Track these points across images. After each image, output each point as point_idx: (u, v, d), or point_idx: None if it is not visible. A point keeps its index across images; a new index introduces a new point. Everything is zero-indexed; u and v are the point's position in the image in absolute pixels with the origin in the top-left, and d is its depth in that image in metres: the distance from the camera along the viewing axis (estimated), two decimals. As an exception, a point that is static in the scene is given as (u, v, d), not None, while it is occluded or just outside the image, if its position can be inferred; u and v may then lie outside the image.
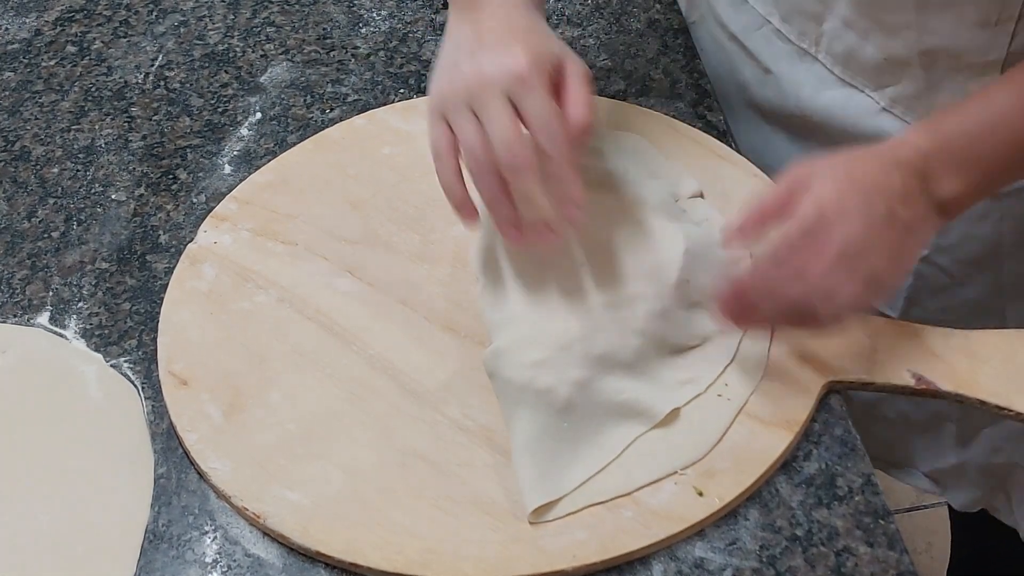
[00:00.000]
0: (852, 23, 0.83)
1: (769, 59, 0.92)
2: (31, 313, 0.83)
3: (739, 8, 0.94)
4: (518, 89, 0.69)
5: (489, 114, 0.69)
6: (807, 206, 0.68)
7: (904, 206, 0.69)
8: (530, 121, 0.69)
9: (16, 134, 0.97)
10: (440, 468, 0.72)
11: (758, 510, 0.70)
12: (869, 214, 0.68)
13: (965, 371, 0.74)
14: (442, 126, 0.72)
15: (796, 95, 0.91)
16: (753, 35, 0.93)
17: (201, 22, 1.06)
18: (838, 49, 0.86)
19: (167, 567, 0.70)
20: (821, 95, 0.89)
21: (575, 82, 0.71)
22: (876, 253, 0.68)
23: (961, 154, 0.71)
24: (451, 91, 0.71)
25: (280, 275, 0.83)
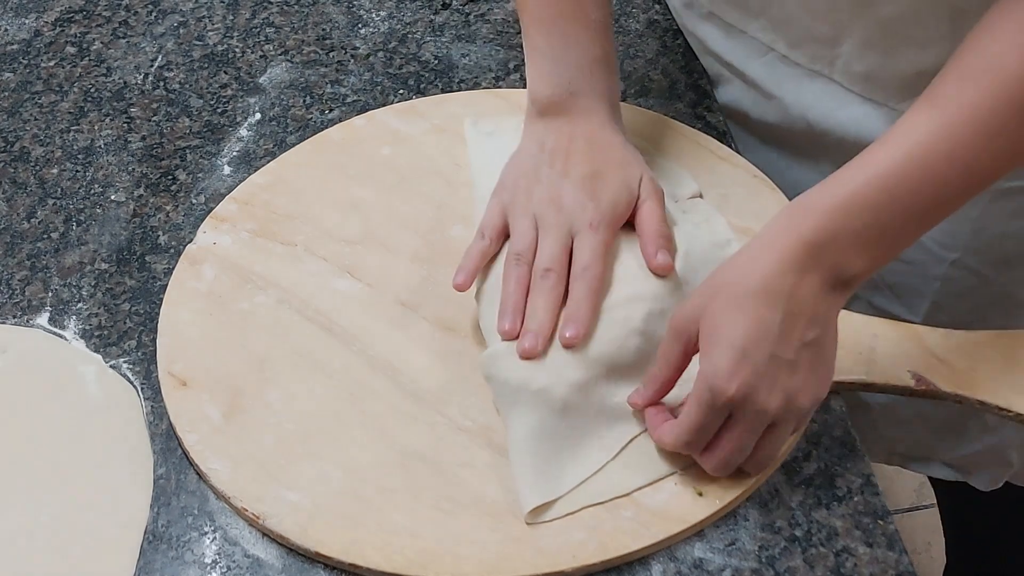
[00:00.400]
0: (874, 43, 0.81)
1: (773, 85, 0.90)
2: (31, 314, 0.83)
3: (736, 38, 0.92)
4: (583, 230, 0.74)
5: (548, 238, 0.74)
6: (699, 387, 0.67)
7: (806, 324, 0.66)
8: (576, 260, 0.74)
9: (16, 135, 0.97)
10: (440, 468, 0.72)
11: (757, 510, 0.70)
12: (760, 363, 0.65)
13: (965, 371, 0.74)
14: (499, 215, 0.77)
15: (804, 117, 0.89)
16: (754, 63, 0.91)
17: (200, 23, 1.06)
18: (857, 69, 0.83)
19: (166, 568, 0.70)
20: (836, 114, 0.86)
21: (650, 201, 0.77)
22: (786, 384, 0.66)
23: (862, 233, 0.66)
24: (524, 197, 0.77)
25: (280, 276, 0.83)
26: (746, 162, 0.88)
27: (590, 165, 0.76)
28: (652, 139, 0.89)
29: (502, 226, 0.77)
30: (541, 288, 0.73)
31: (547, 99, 0.79)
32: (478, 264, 0.76)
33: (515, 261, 0.75)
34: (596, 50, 0.80)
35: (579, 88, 0.79)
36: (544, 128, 0.79)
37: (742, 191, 0.86)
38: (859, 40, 0.82)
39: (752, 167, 0.87)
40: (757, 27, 0.89)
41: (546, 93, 0.79)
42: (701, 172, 0.87)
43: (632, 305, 0.74)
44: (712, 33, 0.95)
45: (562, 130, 0.78)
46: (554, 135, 0.78)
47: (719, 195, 0.85)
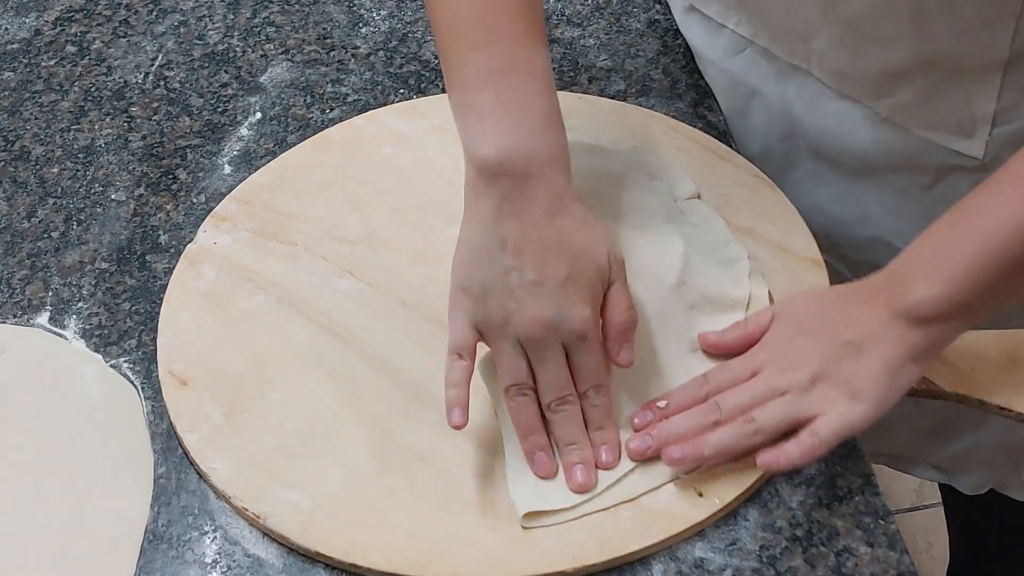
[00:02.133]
0: (842, 40, 0.82)
1: (756, 80, 0.91)
2: (31, 313, 0.83)
3: (716, 34, 0.93)
4: (576, 344, 0.70)
5: (547, 366, 0.70)
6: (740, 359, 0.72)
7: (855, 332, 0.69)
8: (580, 375, 0.70)
9: (16, 134, 0.97)
10: (440, 468, 0.72)
11: (758, 510, 0.70)
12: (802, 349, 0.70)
13: (965, 371, 0.74)
14: (471, 333, 0.70)
15: (788, 114, 0.89)
16: (734, 59, 0.92)
17: (201, 22, 1.06)
18: (829, 65, 0.84)
19: (167, 567, 0.70)
20: (816, 110, 0.87)
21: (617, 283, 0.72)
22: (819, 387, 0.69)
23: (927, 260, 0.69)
24: (501, 318, 0.69)
25: (280, 275, 0.83)
26: (746, 162, 0.88)
27: (564, 266, 0.69)
28: (652, 139, 0.89)
29: (476, 342, 0.70)
30: (565, 418, 0.70)
31: (499, 163, 0.70)
32: (467, 392, 0.70)
33: (517, 393, 0.70)
34: (545, 104, 0.72)
35: (533, 149, 0.70)
36: (496, 209, 0.70)
37: (742, 191, 0.86)
38: (828, 37, 0.83)
39: (752, 167, 0.87)
40: (737, 21, 0.90)
41: (499, 156, 0.70)
42: (701, 172, 0.87)
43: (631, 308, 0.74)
44: (693, 28, 0.96)
45: (520, 214, 0.70)
46: (512, 224, 0.70)
47: (719, 195, 0.85)
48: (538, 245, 0.69)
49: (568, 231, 0.70)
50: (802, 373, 0.70)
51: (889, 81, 0.81)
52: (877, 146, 0.85)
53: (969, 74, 0.78)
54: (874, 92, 0.83)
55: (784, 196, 0.85)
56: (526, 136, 0.70)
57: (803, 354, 0.71)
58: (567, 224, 0.71)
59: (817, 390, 0.69)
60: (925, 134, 0.82)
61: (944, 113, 0.80)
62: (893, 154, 0.85)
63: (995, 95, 0.78)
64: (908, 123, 0.83)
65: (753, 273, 0.79)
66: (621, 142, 0.88)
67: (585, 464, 0.70)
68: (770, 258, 0.81)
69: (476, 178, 0.71)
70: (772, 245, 0.82)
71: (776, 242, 0.82)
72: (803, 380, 0.69)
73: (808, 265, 0.81)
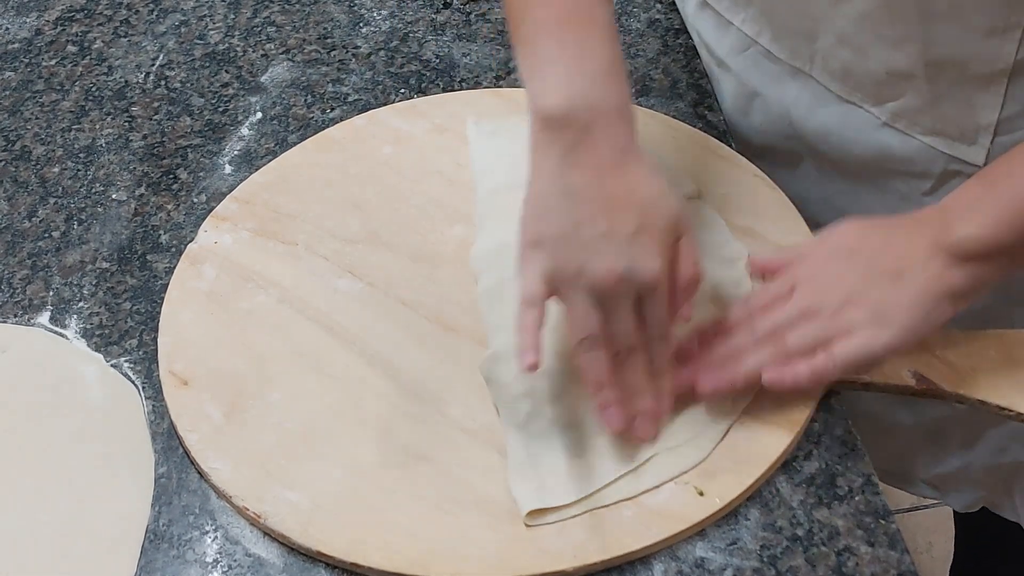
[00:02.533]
0: (848, 39, 0.81)
1: (757, 81, 0.91)
2: (31, 313, 0.83)
3: (724, 30, 0.93)
4: (647, 296, 0.70)
5: (617, 317, 0.69)
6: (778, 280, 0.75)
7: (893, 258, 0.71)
8: (649, 324, 0.70)
9: (17, 134, 0.97)
10: (440, 468, 0.72)
11: (759, 510, 0.70)
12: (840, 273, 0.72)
13: (965, 371, 0.74)
14: (542, 283, 0.70)
15: (788, 116, 0.90)
16: (738, 57, 0.92)
17: (202, 22, 1.06)
18: (834, 66, 0.84)
19: (168, 567, 0.70)
20: (816, 114, 0.87)
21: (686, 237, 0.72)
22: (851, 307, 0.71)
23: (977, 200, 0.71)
24: (574, 270, 0.69)
25: (281, 275, 0.83)
26: (746, 162, 0.88)
27: (635, 217, 0.69)
28: (652, 138, 0.89)
29: (548, 293, 0.70)
30: (633, 369, 0.71)
31: (563, 114, 0.69)
32: (539, 337, 0.69)
33: (589, 347, 0.70)
34: (608, 56, 0.71)
35: (597, 101, 0.70)
36: (562, 161, 0.70)
37: (742, 191, 0.86)
38: (834, 35, 0.82)
39: (752, 167, 0.87)
40: (743, 18, 0.90)
41: (562, 106, 0.69)
42: (701, 172, 0.87)
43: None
44: (705, 24, 0.96)
45: (586, 165, 0.69)
46: (579, 174, 0.69)
47: (719, 195, 0.85)
48: (606, 197, 0.69)
49: (635, 183, 0.70)
50: (834, 296, 0.71)
51: (893, 84, 0.81)
52: (877, 151, 0.85)
53: (974, 82, 0.78)
54: (877, 95, 0.83)
55: (784, 196, 0.85)
56: (587, 87, 0.70)
57: (838, 277, 0.72)
58: (634, 176, 0.70)
59: (847, 313, 0.70)
60: (927, 139, 0.82)
61: (947, 120, 0.80)
62: (894, 159, 0.85)
63: (999, 104, 0.78)
64: (910, 128, 0.83)
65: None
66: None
67: (653, 415, 0.71)
68: (770, 258, 0.81)
69: (540, 132, 0.70)
70: (772, 245, 0.82)
71: (776, 242, 0.82)
72: (834, 303, 0.71)
73: (808, 265, 0.81)
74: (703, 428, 0.72)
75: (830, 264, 0.73)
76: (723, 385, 0.72)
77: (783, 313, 0.73)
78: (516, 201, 0.81)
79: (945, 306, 0.70)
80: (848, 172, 0.88)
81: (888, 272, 0.71)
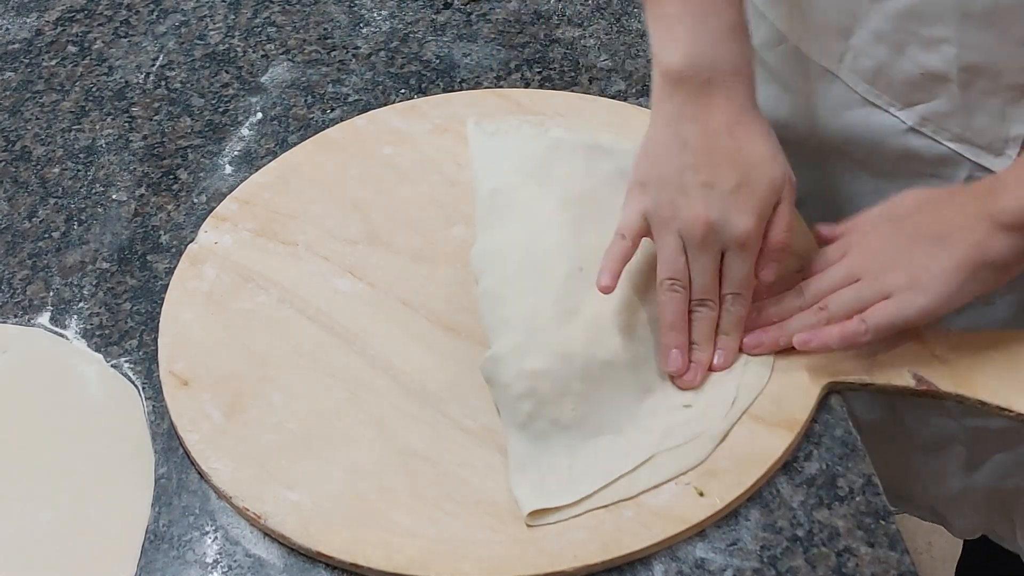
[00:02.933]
0: (884, 36, 0.80)
1: (788, 77, 0.91)
2: (32, 313, 0.83)
3: (759, 23, 0.92)
4: (735, 250, 0.73)
5: (700, 264, 0.73)
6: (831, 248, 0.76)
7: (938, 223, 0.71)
8: (728, 280, 0.74)
9: (17, 134, 0.97)
10: (440, 468, 0.72)
11: (759, 510, 0.70)
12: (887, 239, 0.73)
13: (965, 371, 0.74)
14: (641, 219, 0.74)
15: (814, 115, 0.89)
16: (771, 52, 0.91)
17: (202, 22, 1.06)
18: (866, 65, 0.83)
19: (168, 567, 0.70)
20: (841, 116, 0.87)
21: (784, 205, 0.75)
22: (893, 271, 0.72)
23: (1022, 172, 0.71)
24: (669, 210, 0.73)
25: (281, 275, 0.83)
26: (747, 162, 0.88)
27: (737, 174, 0.73)
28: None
29: (643, 230, 0.75)
30: (701, 318, 0.74)
31: (683, 69, 0.74)
32: (620, 266, 0.74)
33: (670, 288, 0.74)
34: (732, 15, 0.75)
35: (718, 60, 0.74)
36: (679, 112, 0.74)
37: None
38: (871, 32, 0.81)
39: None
40: (778, 14, 0.90)
41: (683, 63, 0.74)
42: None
43: (634, 310, 0.74)
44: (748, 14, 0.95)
45: (701, 119, 0.74)
46: (693, 127, 0.74)
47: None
48: (715, 150, 0.73)
49: (745, 142, 0.74)
50: (876, 261, 0.72)
51: (926, 86, 0.80)
52: (902, 154, 0.84)
53: (1007, 92, 0.77)
54: (907, 97, 0.82)
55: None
56: (709, 45, 0.74)
57: (883, 242, 0.73)
58: (745, 136, 0.74)
59: (888, 278, 0.71)
60: (953, 146, 0.81)
61: (976, 128, 0.79)
62: (919, 162, 0.84)
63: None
64: (937, 134, 0.82)
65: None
66: (621, 142, 0.88)
67: (698, 367, 0.74)
68: (771, 258, 0.81)
69: (662, 84, 0.75)
70: (773, 245, 0.82)
71: (777, 242, 0.82)
72: (875, 267, 0.72)
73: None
74: (703, 428, 0.72)
75: (879, 230, 0.75)
76: (766, 343, 0.75)
77: (827, 279, 0.74)
78: (516, 201, 0.82)
79: (986, 274, 0.71)
80: (873, 171, 0.88)
81: (931, 237, 0.71)
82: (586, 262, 0.76)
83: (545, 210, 0.80)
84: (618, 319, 0.74)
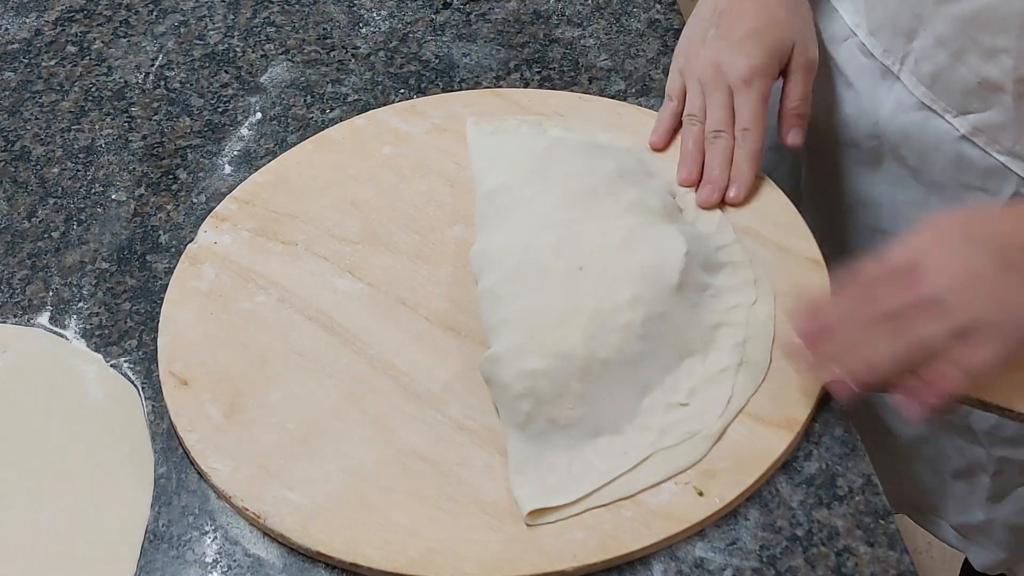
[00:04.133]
0: (946, 41, 0.80)
1: (852, 73, 0.91)
2: (31, 313, 0.83)
3: (830, 17, 0.93)
4: (740, 88, 0.84)
5: (713, 101, 0.85)
6: (897, 250, 0.68)
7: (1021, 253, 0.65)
8: (739, 116, 0.84)
9: (16, 134, 0.97)
10: (440, 468, 0.72)
11: (758, 510, 0.70)
12: (970, 261, 0.65)
13: (965, 371, 0.74)
14: (678, 78, 0.88)
15: (876, 114, 0.89)
16: (839, 46, 0.92)
17: (201, 22, 1.06)
18: (926, 69, 0.83)
19: (167, 567, 0.70)
20: (899, 117, 0.87)
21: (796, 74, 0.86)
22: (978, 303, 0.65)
23: None
24: (693, 60, 0.87)
25: (280, 275, 0.83)
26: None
27: (750, 24, 0.85)
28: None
29: (682, 87, 0.87)
30: (714, 147, 0.84)
31: None
32: (671, 124, 0.87)
33: (690, 121, 0.86)
34: None
35: None
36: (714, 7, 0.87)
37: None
38: (934, 35, 0.81)
39: (753, 167, 0.88)
40: (847, 7, 0.90)
41: None
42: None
43: (633, 309, 0.74)
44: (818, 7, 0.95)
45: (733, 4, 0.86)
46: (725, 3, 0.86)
47: (720, 195, 0.85)
48: (737, 11, 0.86)
49: (771, 7, 0.86)
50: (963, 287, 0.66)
51: (982, 95, 0.80)
52: (954, 162, 0.84)
53: None
54: (962, 105, 0.82)
55: (784, 196, 0.85)
56: None
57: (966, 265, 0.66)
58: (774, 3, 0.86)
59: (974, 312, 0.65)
60: (1003, 159, 0.81)
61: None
62: (969, 173, 0.84)
63: None
64: (988, 145, 0.82)
65: (754, 272, 0.79)
66: (620, 141, 0.88)
67: (715, 186, 0.83)
68: (770, 258, 0.81)
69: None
70: (772, 245, 0.82)
71: (776, 242, 0.82)
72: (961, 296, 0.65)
73: (808, 265, 0.81)
74: (699, 427, 0.72)
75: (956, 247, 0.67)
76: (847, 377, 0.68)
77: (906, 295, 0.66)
78: (515, 201, 0.82)
79: None
80: (925, 180, 0.88)
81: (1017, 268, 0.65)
82: (586, 262, 0.76)
83: (544, 210, 0.80)
84: (617, 318, 0.74)
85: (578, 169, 0.82)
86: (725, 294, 0.78)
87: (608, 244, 0.77)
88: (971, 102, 0.81)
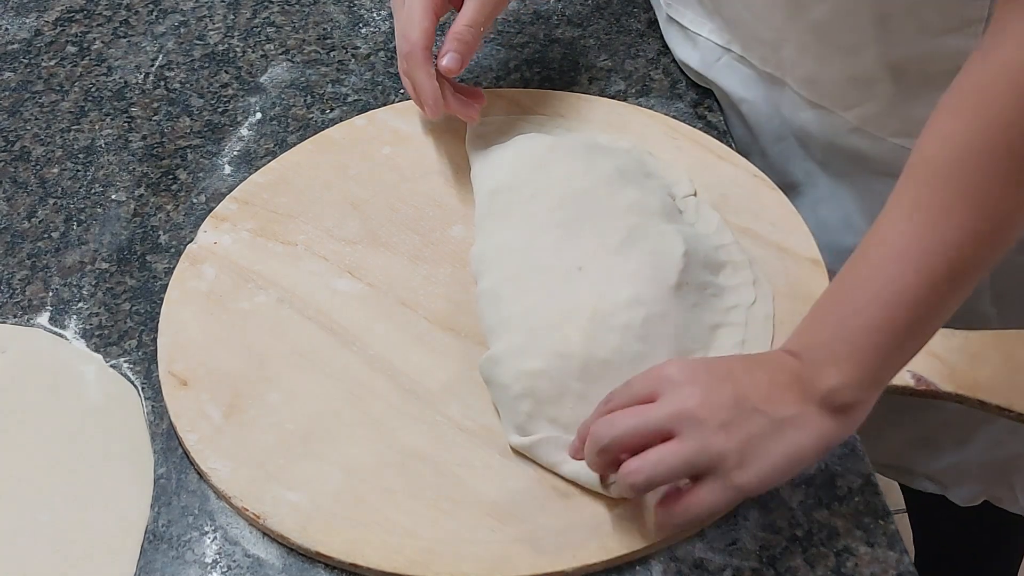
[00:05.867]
0: (809, 48, 0.82)
1: (738, 87, 0.91)
2: (31, 313, 0.83)
3: (694, 44, 0.93)
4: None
5: None
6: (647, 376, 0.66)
7: (766, 401, 0.63)
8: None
9: (16, 134, 0.97)
10: (440, 468, 0.72)
11: (758, 510, 0.70)
12: (710, 392, 0.63)
13: (965, 371, 0.74)
14: None
15: (777, 116, 0.90)
16: (714, 67, 0.92)
17: (201, 22, 1.06)
18: (800, 73, 0.84)
19: (167, 567, 0.70)
20: (798, 116, 0.88)
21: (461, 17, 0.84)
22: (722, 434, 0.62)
23: (831, 347, 0.64)
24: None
25: (280, 275, 0.83)
26: (746, 162, 0.88)
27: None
28: (652, 139, 0.89)
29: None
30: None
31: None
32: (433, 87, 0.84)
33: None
34: None
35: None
36: None
37: (742, 191, 0.86)
38: (796, 45, 0.83)
39: (752, 167, 0.87)
40: (711, 28, 0.90)
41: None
42: (701, 172, 0.87)
43: (632, 309, 0.74)
44: (674, 39, 0.96)
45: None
46: None
47: (719, 195, 0.85)
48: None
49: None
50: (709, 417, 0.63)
51: (857, 90, 0.81)
52: (853, 153, 0.85)
53: (938, 81, 0.75)
54: (843, 101, 0.83)
55: (784, 196, 0.85)
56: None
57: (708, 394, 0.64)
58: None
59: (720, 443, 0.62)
60: (897, 141, 0.82)
61: (915, 120, 0.78)
62: (869, 161, 0.85)
63: None
64: (879, 131, 0.83)
65: (753, 273, 0.79)
66: (620, 141, 0.88)
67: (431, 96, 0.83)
68: (770, 258, 0.81)
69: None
70: (772, 245, 0.82)
71: (776, 242, 0.82)
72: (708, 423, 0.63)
73: (808, 265, 0.81)
74: None
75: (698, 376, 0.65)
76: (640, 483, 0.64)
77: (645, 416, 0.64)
78: (515, 201, 0.82)
79: (820, 454, 0.64)
80: (831, 172, 0.89)
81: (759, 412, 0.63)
82: (585, 262, 0.76)
83: (544, 210, 0.80)
84: (616, 319, 0.74)
85: (578, 169, 0.82)
86: (724, 294, 0.78)
87: (607, 244, 0.77)
88: (850, 97, 0.82)
